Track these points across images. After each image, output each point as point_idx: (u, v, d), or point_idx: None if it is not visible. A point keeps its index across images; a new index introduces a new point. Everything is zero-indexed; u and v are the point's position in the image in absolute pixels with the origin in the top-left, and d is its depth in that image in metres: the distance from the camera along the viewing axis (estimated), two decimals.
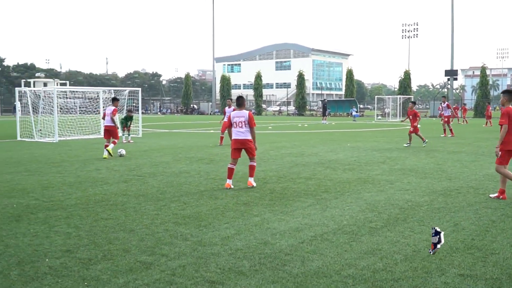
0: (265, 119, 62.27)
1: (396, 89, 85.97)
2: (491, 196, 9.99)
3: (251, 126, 11.29)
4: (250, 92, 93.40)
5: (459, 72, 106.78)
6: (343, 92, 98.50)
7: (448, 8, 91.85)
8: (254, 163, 11.48)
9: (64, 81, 61.56)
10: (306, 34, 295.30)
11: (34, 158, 17.29)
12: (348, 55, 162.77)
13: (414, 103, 23.16)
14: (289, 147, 21.28)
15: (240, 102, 11.61)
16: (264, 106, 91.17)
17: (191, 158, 16.88)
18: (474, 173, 13.36)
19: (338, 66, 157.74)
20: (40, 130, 27.91)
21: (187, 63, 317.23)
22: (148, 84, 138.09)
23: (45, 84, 67.61)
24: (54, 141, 24.92)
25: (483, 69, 69.46)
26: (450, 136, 27.45)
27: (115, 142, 18.00)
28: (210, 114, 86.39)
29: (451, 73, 74.93)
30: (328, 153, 18.69)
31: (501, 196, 9.80)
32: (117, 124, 18.57)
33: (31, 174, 13.34)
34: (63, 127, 28.63)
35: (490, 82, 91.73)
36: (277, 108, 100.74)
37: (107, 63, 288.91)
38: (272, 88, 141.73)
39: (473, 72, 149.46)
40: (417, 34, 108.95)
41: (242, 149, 11.42)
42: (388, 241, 6.84)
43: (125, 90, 33.38)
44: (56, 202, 9.56)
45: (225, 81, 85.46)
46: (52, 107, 27.05)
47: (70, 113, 35.30)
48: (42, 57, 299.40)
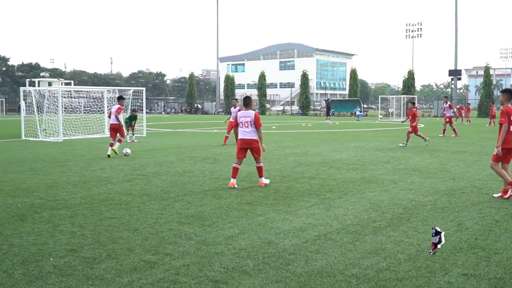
0: (269, 118, 62.29)
1: (400, 89, 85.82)
2: (495, 195, 9.99)
3: (257, 126, 11.30)
4: (254, 92, 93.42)
5: (463, 72, 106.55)
6: (347, 92, 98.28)
7: (452, 8, 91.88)
8: (260, 164, 11.48)
9: (68, 81, 61.46)
10: (310, 34, 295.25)
11: (38, 157, 17.34)
12: (352, 55, 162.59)
13: (413, 103, 23.32)
14: (293, 146, 21.29)
15: (247, 102, 11.62)
16: (268, 105, 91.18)
17: (195, 158, 16.90)
18: (477, 172, 13.34)
19: (342, 66, 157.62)
20: (45, 129, 27.97)
21: (191, 63, 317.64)
22: (152, 84, 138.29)
23: (49, 84, 67.80)
24: (58, 141, 24.98)
25: (487, 69, 69.37)
26: (454, 136, 27.45)
27: (121, 140, 18.11)
28: (214, 113, 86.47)
29: (455, 73, 74.81)
30: (332, 152, 18.69)
31: (505, 196, 9.81)
32: (121, 122, 18.66)
33: (36, 173, 13.38)
34: (68, 127, 28.73)
35: (494, 82, 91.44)
36: (281, 108, 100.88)
37: (111, 63, 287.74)
38: (276, 87, 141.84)
39: (477, 72, 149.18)
40: (421, 34, 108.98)
41: (247, 149, 11.43)
42: (392, 241, 6.84)
43: (129, 89, 33.46)
44: (61, 201, 9.60)
45: (229, 80, 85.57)
46: (57, 107, 27.14)
47: (75, 113, 35.31)
48: (46, 57, 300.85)
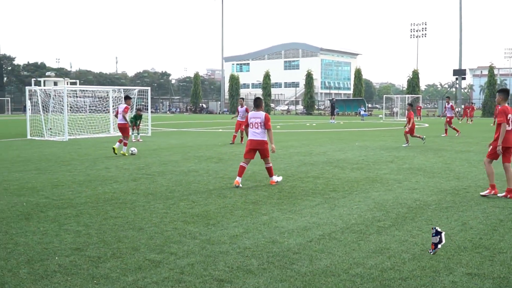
0: (273, 118, 62.25)
1: (404, 89, 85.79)
2: (499, 195, 9.99)
3: (266, 127, 11.30)
4: (259, 92, 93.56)
5: (467, 71, 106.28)
6: (351, 92, 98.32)
7: (456, 7, 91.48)
8: (269, 165, 11.49)
9: (74, 80, 61.74)
10: (315, 34, 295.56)
11: (44, 156, 17.40)
12: (357, 54, 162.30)
13: (411, 105, 23.35)
14: (298, 146, 21.29)
15: (257, 103, 11.60)
16: (272, 105, 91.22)
17: (200, 157, 16.92)
18: (482, 172, 13.29)
19: (347, 65, 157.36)
20: (50, 128, 28.07)
21: (196, 63, 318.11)
22: (157, 83, 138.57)
23: (55, 83, 67.95)
24: (64, 140, 25.05)
25: (491, 68, 69.23)
26: (457, 135, 27.61)
27: (126, 143, 17.96)
28: (219, 113, 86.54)
29: (460, 73, 74.64)
30: (336, 152, 18.68)
31: (509, 195, 9.82)
32: (128, 122, 18.75)
33: (41, 172, 13.43)
34: (73, 126, 28.81)
35: (498, 82, 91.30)
36: (286, 107, 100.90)
37: (116, 63, 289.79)
38: (281, 87, 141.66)
39: (481, 71, 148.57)
40: (425, 34, 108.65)
41: (256, 150, 11.42)
42: (396, 240, 6.84)
43: (134, 89, 33.53)
44: (66, 200, 9.63)
45: (234, 80, 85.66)
46: (62, 106, 27.21)
47: (80, 112, 35.43)
48: (52, 56, 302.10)
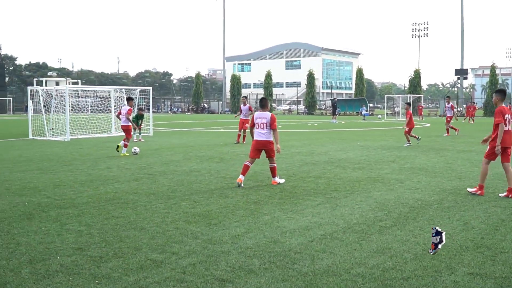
0: None
1: (406, 88, 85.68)
2: (501, 195, 9.98)
3: (272, 128, 11.29)
4: (260, 91, 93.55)
5: (469, 71, 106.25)
6: (353, 91, 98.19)
7: (458, 7, 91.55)
8: (274, 165, 11.49)
9: (76, 80, 61.70)
10: (316, 33, 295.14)
11: (45, 156, 17.41)
12: (358, 54, 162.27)
13: (409, 104, 23.55)
14: (299, 146, 21.28)
15: (263, 104, 11.60)
16: (274, 105, 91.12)
17: (201, 157, 16.93)
18: None
19: (348, 65, 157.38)
20: (52, 128, 28.09)
21: (198, 62, 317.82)
22: (159, 83, 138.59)
23: (57, 83, 67.86)
24: (65, 140, 25.07)
25: (493, 68, 69.12)
26: (456, 134, 27.83)
27: (126, 144, 17.91)
28: (221, 113, 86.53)
29: (461, 72, 74.66)
30: (338, 152, 18.68)
31: (510, 195, 9.81)
32: (133, 124, 18.90)
33: (43, 172, 13.44)
34: (75, 126, 28.83)
35: (500, 81, 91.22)
36: (287, 107, 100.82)
37: (118, 62, 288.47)
38: (282, 87, 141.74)
39: (483, 71, 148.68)
40: (427, 33, 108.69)
41: (262, 150, 11.44)
42: (398, 240, 6.84)
43: (136, 89, 33.58)
44: (68, 200, 9.64)
45: (235, 80, 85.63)
46: (64, 106, 27.24)
47: (82, 112, 35.47)
48: (54, 56, 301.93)
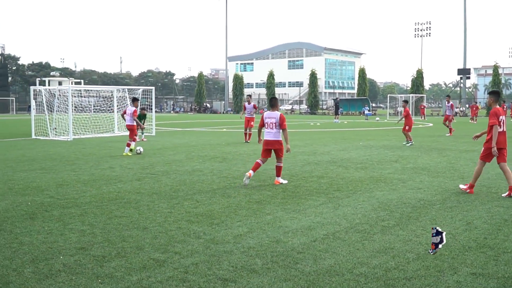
0: None
1: (408, 88, 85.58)
2: (503, 195, 9.98)
3: (281, 127, 11.30)
4: (263, 91, 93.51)
5: (472, 70, 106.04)
6: (355, 91, 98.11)
7: (461, 6, 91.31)
8: (280, 164, 11.51)
9: (78, 80, 61.78)
10: (319, 33, 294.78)
11: (48, 156, 17.44)
12: (361, 54, 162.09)
13: (406, 102, 23.64)
14: (302, 145, 21.28)
15: (272, 103, 11.62)
16: None
17: (204, 157, 16.93)
18: (486, 172, 13.23)
19: (351, 65, 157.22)
20: (55, 128, 28.15)
21: (200, 62, 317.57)
22: (161, 83, 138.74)
23: (60, 83, 68.01)
24: (68, 140, 25.10)
25: (496, 67, 68.98)
26: (447, 135, 27.53)
27: (129, 144, 17.97)
28: (223, 113, 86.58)
29: (464, 72, 74.53)
30: (340, 151, 18.67)
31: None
32: (140, 124, 19.03)
33: (46, 172, 13.46)
34: (78, 126, 28.86)
35: (503, 81, 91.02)
36: (290, 107, 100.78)
37: (121, 62, 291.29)
38: (285, 87, 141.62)
39: (486, 71, 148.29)
40: (430, 33, 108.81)
41: (271, 149, 11.46)
42: (401, 240, 6.84)
43: (138, 88, 33.62)
44: (71, 199, 9.65)
45: (238, 80, 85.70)
46: (67, 106, 27.28)
47: (85, 112, 35.53)
48: (57, 56, 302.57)
